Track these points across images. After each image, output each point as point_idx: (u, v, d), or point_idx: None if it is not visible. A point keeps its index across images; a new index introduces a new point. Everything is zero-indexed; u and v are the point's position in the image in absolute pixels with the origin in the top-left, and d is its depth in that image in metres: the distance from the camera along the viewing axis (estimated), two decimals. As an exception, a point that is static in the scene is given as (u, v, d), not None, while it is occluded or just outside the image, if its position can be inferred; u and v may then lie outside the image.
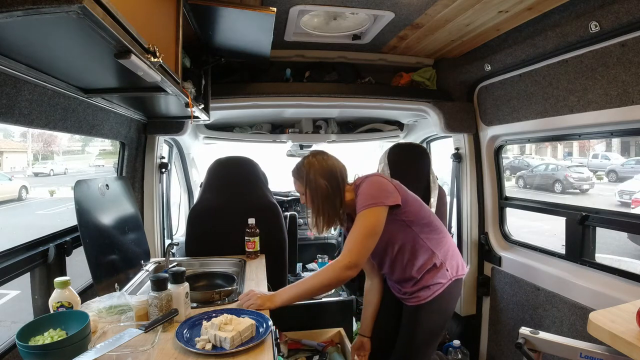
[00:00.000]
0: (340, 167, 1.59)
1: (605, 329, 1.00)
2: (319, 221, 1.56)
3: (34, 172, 11.19)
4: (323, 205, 1.53)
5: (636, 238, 5.52)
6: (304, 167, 1.56)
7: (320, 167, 1.54)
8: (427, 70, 2.37)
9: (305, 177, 1.54)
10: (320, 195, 1.53)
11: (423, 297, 1.57)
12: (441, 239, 1.62)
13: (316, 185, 1.52)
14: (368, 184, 1.49)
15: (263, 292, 1.43)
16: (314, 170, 1.54)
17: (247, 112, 2.51)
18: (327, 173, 1.54)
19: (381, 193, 1.45)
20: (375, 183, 1.49)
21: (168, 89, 1.22)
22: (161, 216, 2.35)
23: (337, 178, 1.55)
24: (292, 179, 1.63)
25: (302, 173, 1.56)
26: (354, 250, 1.40)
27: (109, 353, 0.95)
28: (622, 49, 1.41)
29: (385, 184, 1.49)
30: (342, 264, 1.39)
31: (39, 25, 0.75)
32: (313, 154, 1.60)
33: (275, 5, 1.54)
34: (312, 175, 1.53)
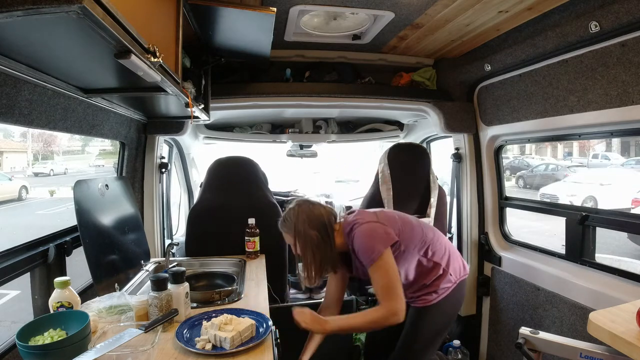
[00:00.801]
0: (327, 213, 1.59)
1: (605, 329, 1.00)
2: (311, 272, 1.55)
3: (34, 172, 11.19)
4: (315, 256, 1.53)
5: (636, 238, 5.51)
6: (291, 219, 1.55)
7: (308, 218, 1.54)
8: (427, 70, 2.37)
9: (295, 230, 1.54)
10: (311, 246, 1.53)
11: (429, 299, 1.61)
12: (440, 248, 1.64)
13: (306, 236, 1.52)
14: (362, 235, 1.48)
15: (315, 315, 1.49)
16: (302, 221, 1.53)
17: (247, 112, 2.51)
18: (315, 222, 1.54)
19: (379, 240, 1.47)
20: (369, 231, 1.49)
21: (168, 89, 1.22)
22: (161, 216, 2.34)
23: (326, 225, 1.55)
24: (281, 232, 1.63)
25: (291, 225, 1.55)
26: (392, 298, 1.43)
27: (109, 353, 0.95)
28: (622, 49, 1.41)
29: (377, 230, 1.49)
30: (386, 313, 1.43)
31: (39, 25, 0.75)
32: (298, 203, 1.60)
33: (275, 5, 1.54)
34: (300, 227, 1.53)
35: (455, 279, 1.63)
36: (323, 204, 1.63)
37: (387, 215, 1.60)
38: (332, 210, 1.62)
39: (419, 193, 2.27)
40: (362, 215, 1.56)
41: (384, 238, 1.47)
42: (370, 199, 2.27)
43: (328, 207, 1.63)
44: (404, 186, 2.23)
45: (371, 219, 1.53)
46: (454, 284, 1.62)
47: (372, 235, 1.48)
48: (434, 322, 1.62)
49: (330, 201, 3.42)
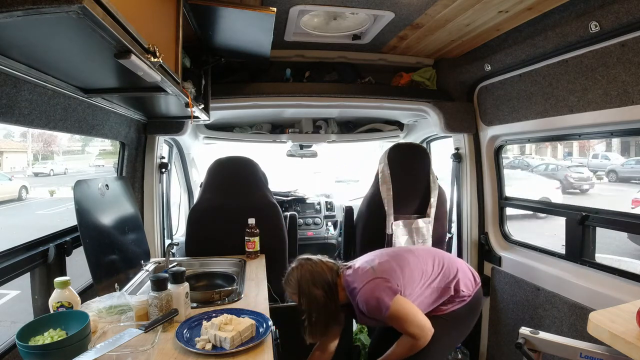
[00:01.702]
0: (329, 270, 1.60)
1: (605, 329, 1.00)
2: (316, 329, 1.57)
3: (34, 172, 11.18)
4: (320, 315, 1.55)
5: (636, 238, 5.52)
6: (295, 279, 1.58)
7: (311, 277, 1.56)
8: (427, 70, 2.37)
9: (299, 291, 1.56)
10: (317, 306, 1.54)
11: (442, 309, 1.63)
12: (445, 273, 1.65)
13: (311, 296, 1.54)
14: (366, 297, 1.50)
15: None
16: (306, 281, 1.55)
17: (247, 112, 2.51)
18: (320, 281, 1.56)
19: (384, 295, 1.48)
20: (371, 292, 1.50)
21: (168, 89, 1.22)
22: (161, 216, 2.35)
23: (330, 283, 1.57)
24: (285, 291, 1.65)
25: (295, 285, 1.57)
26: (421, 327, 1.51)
27: (109, 353, 0.95)
28: (622, 49, 1.41)
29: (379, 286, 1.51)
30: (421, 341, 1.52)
31: (39, 25, 0.75)
32: (300, 263, 1.62)
33: (275, 5, 1.54)
34: (305, 287, 1.55)
35: (469, 293, 1.65)
36: (324, 260, 1.64)
37: (384, 266, 1.59)
38: (332, 266, 1.63)
39: (419, 193, 2.27)
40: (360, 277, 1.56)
41: (387, 291, 1.49)
42: (370, 199, 2.27)
43: (329, 262, 1.64)
44: (404, 186, 2.23)
45: (369, 278, 1.53)
46: (469, 297, 1.65)
47: (374, 295, 1.49)
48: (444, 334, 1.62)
49: (330, 201, 3.42)
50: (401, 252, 1.70)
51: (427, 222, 2.24)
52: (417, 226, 2.21)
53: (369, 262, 1.62)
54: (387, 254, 1.68)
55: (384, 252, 1.70)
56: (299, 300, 1.58)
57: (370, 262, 1.62)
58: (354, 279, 1.57)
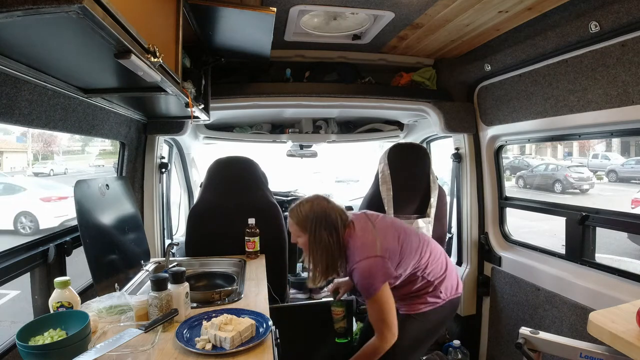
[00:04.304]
0: (340, 213, 1.58)
1: (605, 329, 1.00)
2: (317, 273, 1.56)
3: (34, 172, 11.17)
4: (322, 258, 1.53)
5: (636, 238, 5.52)
6: (306, 214, 1.54)
7: (324, 217, 1.53)
8: (427, 70, 2.37)
9: (308, 228, 1.53)
10: (321, 248, 1.52)
11: (414, 308, 1.63)
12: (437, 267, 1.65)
13: (320, 237, 1.51)
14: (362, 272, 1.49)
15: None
16: (318, 221, 1.52)
17: (247, 112, 2.51)
18: (330, 224, 1.53)
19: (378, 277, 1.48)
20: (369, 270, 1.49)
21: (168, 89, 1.22)
22: (161, 216, 2.35)
23: (339, 229, 1.54)
24: (289, 219, 1.61)
25: (303, 220, 1.54)
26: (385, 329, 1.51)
27: (109, 353, 0.95)
28: (622, 49, 1.41)
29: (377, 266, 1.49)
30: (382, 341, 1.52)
31: (39, 25, 0.75)
32: (317, 198, 1.58)
33: (275, 5, 1.54)
34: (314, 226, 1.52)
35: (444, 297, 1.65)
36: (338, 208, 1.60)
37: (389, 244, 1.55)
38: (343, 213, 1.59)
39: (419, 193, 2.27)
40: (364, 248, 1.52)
41: (382, 275, 1.49)
42: (370, 199, 2.27)
43: (341, 208, 1.60)
44: (404, 186, 2.23)
45: (372, 254, 1.50)
46: (442, 301, 1.64)
47: (371, 274, 1.48)
48: (417, 329, 1.63)
49: (330, 201, 3.42)
50: (409, 232, 1.66)
51: (427, 222, 2.24)
52: (417, 226, 2.21)
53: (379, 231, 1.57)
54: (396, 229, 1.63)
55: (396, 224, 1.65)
56: (303, 236, 1.54)
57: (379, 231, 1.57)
58: (357, 245, 1.53)
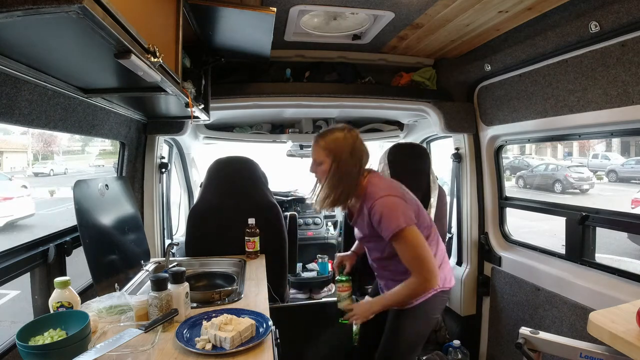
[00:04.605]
0: (367, 154, 1.57)
1: (605, 329, 1.00)
2: (330, 197, 1.52)
3: (34, 172, 11.18)
4: (340, 183, 1.50)
5: (636, 238, 5.52)
6: (337, 138, 1.52)
7: (352, 146, 1.52)
8: (427, 70, 2.37)
9: (335, 150, 1.50)
10: (343, 175, 1.50)
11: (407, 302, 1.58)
12: (437, 250, 1.64)
13: (344, 161, 1.50)
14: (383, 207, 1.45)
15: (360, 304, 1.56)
16: (347, 146, 1.50)
17: (247, 112, 2.51)
18: (356, 157, 1.52)
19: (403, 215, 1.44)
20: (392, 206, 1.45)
21: (168, 89, 1.22)
22: (161, 216, 2.35)
23: (362, 163, 1.54)
24: (314, 144, 1.56)
25: (332, 146, 1.51)
26: (422, 269, 1.44)
27: (109, 353, 0.95)
28: (622, 49, 1.41)
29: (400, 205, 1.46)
30: (419, 281, 1.45)
31: (39, 25, 0.75)
32: (347, 128, 1.57)
33: (275, 5, 1.54)
34: (342, 150, 1.50)
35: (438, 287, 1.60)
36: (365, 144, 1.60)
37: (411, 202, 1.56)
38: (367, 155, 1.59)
39: (419, 193, 2.26)
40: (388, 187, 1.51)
41: (404, 215, 1.45)
42: (370, 199, 2.27)
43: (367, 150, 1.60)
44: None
45: (397, 193, 1.50)
46: (434, 291, 1.59)
47: (393, 209, 1.44)
48: (413, 326, 1.60)
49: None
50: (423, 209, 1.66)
51: (427, 222, 2.24)
52: (417, 226, 2.21)
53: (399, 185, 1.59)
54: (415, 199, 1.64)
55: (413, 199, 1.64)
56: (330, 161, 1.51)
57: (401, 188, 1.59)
58: (380, 185, 1.52)
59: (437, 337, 2.55)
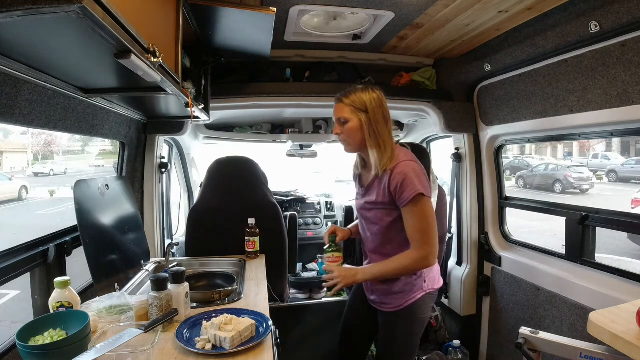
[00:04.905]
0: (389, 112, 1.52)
1: (605, 329, 1.00)
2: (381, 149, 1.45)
3: (34, 172, 11.17)
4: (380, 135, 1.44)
5: (636, 238, 5.52)
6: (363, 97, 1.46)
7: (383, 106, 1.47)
8: (427, 70, 2.37)
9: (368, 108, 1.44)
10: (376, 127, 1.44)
11: (395, 304, 1.54)
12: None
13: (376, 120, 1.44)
14: (406, 171, 1.40)
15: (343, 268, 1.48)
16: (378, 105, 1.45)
17: (247, 112, 2.51)
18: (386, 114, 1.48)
19: (421, 183, 1.40)
20: (414, 172, 1.41)
21: (168, 89, 1.22)
22: (161, 216, 2.35)
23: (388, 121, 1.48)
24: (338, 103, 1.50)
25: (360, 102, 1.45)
26: (425, 243, 1.40)
27: (109, 353, 0.95)
28: (622, 49, 1.41)
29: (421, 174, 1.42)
30: (417, 256, 1.41)
31: (39, 25, 0.75)
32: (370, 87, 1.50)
33: (275, 5, 1.54)
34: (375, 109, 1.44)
35: (426, 288, 1.55)
36: None
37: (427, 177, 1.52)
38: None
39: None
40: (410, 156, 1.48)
41: (423, 184, 1.41)
42: (370, 199, 2.27)
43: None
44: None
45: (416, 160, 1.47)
46: (423, 292, 1.54)
47: (414, 175, 1.40)
48: (406, 327, 1.57)
49: (330, 201, 3.42)
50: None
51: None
52: (417, 226, 2.21)
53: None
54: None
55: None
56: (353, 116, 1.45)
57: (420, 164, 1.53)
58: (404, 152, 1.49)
59: (437, 337, 2.55)
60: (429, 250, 1.41)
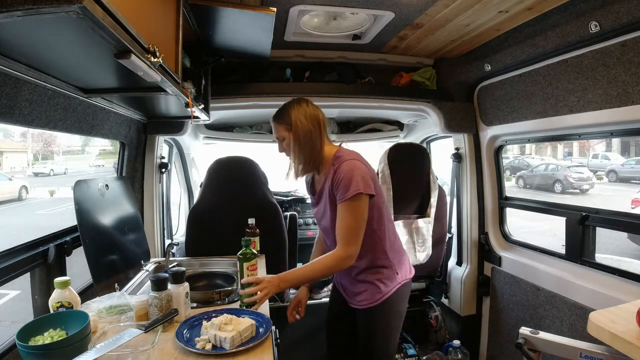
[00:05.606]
0: (323, 117, 1.56)
1: (605, 329, 1.00)
2: (298, 165, 1.51)
3: (34, 172, 11.17)
4: (305, 147, 1.49)
5: (636, 238, 5.52)
6: (289, 110, 1.53)
7: (304, 112, 1.51)
8: (427, 70, 2.37)
9: (291, 119, 1.50)
10: (303, 137, 1.49)
11: (373, 299, 1.53)
12: (396, 242, 1.61)
13: (301, 126, 1.49)
14: (349, 168, 1.42)
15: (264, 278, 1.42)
16: (300, 113, 1.51)
17: (247, 112, 2.51)
18: (311, 117, 1.51)
19: (363, 181, 1.41)
20: (357, 170, 1.43)
21: (168, 89, 1.22)
22: (161, 216, 2.35)
23: (320, 125, 1.53)
24: (273, 124, 1.57)
25: (287, 115, 1.52)
26: (351, 242, 1.41)
27: (109, 353, 0.95)
28: (622, 49, 1.41)
29: (365, 172, 1.44)
30: (343, 255, 1.41)
31: (39, 25, 0.75)
32: (297, 100, 1.57)
33: (275, 5, 1.54)
34: (297, 116, 1.50)
35: (400, 279, 1.56)
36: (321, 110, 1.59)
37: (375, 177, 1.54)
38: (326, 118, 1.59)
39: (419, 193, 2.28)
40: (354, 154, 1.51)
41: (367, 182, 1.42)
42: (370, 199, 2.27)
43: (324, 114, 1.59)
44: (404, 186, 2.23)
45: (361, 159, 1.49)
46: (397, 284, 1.55)
47: (355, 172, 1.42)
48: (383, 322, 1.57)
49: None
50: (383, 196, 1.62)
51: (427, 222, 2.24)
52: (417, 226, 2.22)
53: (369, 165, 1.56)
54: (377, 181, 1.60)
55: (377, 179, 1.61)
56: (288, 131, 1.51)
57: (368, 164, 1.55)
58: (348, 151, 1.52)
59: (437, 337, 2.56)
60: (354, 250, 1.42)
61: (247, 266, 1.45)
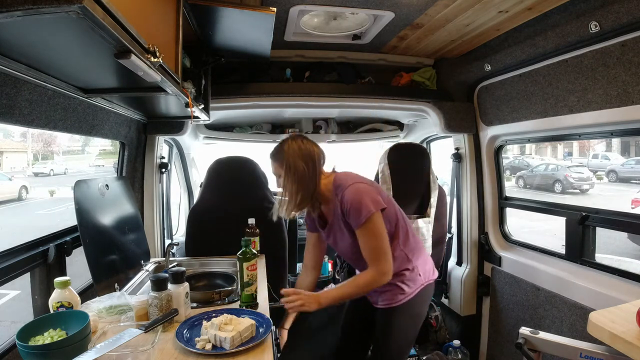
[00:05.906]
0: (318, 153, 1.57)
1: (605, 329, 1.00)
2: (290, 203, 1.53)
3: (34, 172, 11.17)
4: (296, 187, 1.51)
5: (636, 238, 5.51)
6: (283, 149, 1.55)
7: (299, 150, 1.53)
8: (427, 70, 2.37)
9: (285, 159, 1.52)
10: (296, 176, 1.51)
11: (395, 300, 1.56)
12: (415, 243, 1.63)
13: (294, 166, 1.51)
14: (354, 194, 1.45)
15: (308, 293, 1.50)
16: (293, 152, 1.52)
17: (247, 112, 2.51)
18: (305, 156, 1.53)
19: (372, 200, 1.45)
20: (360, 192, 1.46)
21: (168, 89, 1.22)
22: (161, 216, 2.34)
23: (315, 161, 1.54)
24: (270, 161, 1.60)
25: (281, 154, 1.54)
26: (381, 259, 1.45)
27: (109, 353, 0.95)
28: (622, 49, 1.41)
29: (369, 191, 1.48)
30: (378, 274, 1.45)
31: (39, 25, 0.75)
32: (292, 137, 1.58)
33: (275, 5, 1.54)
34: (291, 156, 1.52)
35: (423, 281, 1.59)
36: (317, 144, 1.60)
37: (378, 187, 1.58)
38: (323, 152, 1.60)
39: (419, 193, 2.27)
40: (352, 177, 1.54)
41: (376, 200, 1.45)
42: (370, 199, 2.27)
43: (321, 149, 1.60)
44: (404, 186, 2.23)
45: (361, 180, 1.52)
46: (420, 286, 1.58)
47: (362, 195, 1.45)
48: (403, 324, 1.59)
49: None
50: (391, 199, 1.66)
51: (427, 222, 2.24)
52: (417, 226, 2.21)
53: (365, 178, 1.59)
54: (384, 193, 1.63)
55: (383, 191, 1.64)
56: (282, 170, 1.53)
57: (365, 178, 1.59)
58: (344, 176, 1.54)
59: (437, 337, 2.55)
60: (387, 266, 1.45)
61: (247, 266, 1.45)
